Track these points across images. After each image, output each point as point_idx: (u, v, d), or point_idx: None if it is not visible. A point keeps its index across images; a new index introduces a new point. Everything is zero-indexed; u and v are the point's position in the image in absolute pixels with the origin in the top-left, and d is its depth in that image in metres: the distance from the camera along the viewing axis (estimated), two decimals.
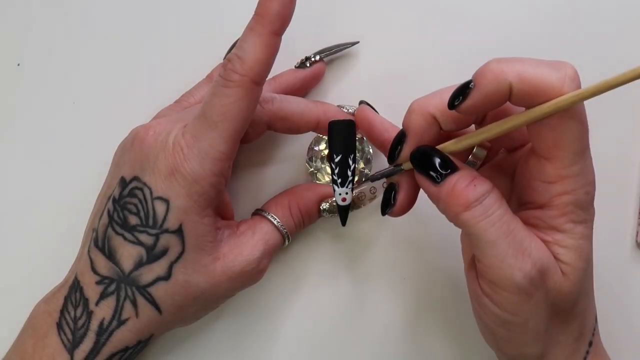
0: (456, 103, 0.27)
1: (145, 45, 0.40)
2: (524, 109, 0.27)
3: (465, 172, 0.28)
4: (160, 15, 0.40)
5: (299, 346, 0.38)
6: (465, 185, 0.27)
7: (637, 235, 0.39)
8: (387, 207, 0.31)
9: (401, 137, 0.30)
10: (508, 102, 0.27)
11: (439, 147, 0.29)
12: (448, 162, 0.28)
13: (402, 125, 0.30)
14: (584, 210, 0.28)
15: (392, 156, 0.31)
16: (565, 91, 0.25)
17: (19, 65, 0.40)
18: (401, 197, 0.31)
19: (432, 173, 0.28)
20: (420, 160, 0.29)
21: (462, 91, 0.27)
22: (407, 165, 0.30)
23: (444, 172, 0.28)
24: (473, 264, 0.30)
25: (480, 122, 0.31)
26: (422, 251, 0.39)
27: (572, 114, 0.26)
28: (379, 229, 0.39)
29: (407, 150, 0.30)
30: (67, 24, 0.40)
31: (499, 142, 0.33)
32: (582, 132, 0.27)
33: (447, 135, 0.30)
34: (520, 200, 0.30)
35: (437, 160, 0.28)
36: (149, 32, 0.40)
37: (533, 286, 0.27)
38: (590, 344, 0.30)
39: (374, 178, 0.33)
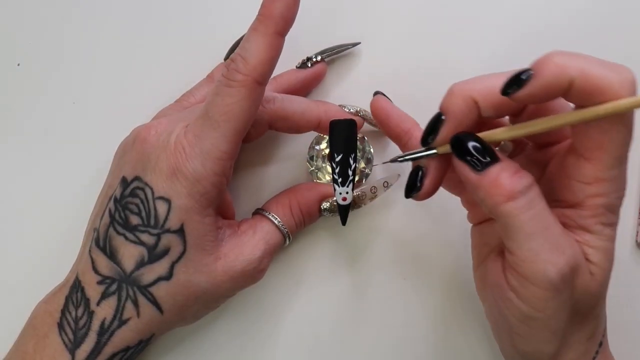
0: (510, 91, 0.26)
1: (145, 45, 0.40)
2: (569, 105, 0.27)
3: (509, 162, 0.27)
4: (160, 15, 0.40)
5: (300, 345, 0.38)
6: (509, 175, 0.27)
7: (637, 235, 0.39)
8: (412, 190, 0.31)
9: (437, 119, 0.29)
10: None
11: (488, 133, 0.28)
12: (491, 151, 0.28)
13: (440, 108, 0.29)
14: (614, 213, 0.28)
15: (426, 138, 0.29)
16: (623, 95, 0.25)
17: (19, 65, 0.39)
18: (428, 181, 0.30)
19: (473, 160, 0.27)
20: (462, 146, 0.28)
21: (518, 79, 0.26)
22: (442, 149, 0.29)
23: (485, 161, 0.27)
24: (489, 260, 0.29)
25: (518, 115, 0.30)
26: (422, 251, 0.39)
27: (623, 119, 0.26)
28: (379, 228, 0.39)
29: (444, 132, 0.28)
30: (68, 24, 0.40)
31: (531, 138, 0.32)
32: (627, 138, 0.26)
33: (481, 122, 0.29)
34: (551, 197, 0.29)
35: (480, 148, 0.27)
36: (149, 32, 0.40)
37: (563, 283, 0.27)
38: (600, 344, 0.30)
39: (403, 159, 0.31)
